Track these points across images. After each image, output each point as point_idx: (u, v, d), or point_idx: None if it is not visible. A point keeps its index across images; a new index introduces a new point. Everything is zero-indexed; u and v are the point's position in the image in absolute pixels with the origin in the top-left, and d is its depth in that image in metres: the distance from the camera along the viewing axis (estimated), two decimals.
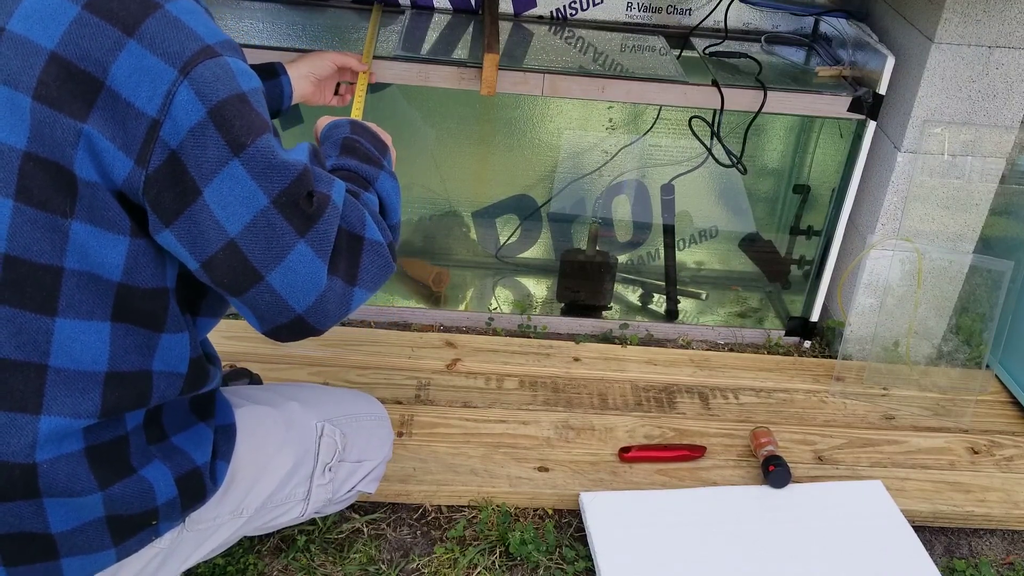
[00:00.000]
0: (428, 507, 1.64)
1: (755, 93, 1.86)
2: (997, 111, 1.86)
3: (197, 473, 1.14)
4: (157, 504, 1.10)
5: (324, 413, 1.39)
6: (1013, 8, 1.75)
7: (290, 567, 1.51)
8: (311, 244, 1.00)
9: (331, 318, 1.05)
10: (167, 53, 0.92)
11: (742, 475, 1.73)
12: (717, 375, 2.02)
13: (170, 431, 1.13)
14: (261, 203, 0.97)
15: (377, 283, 1.09)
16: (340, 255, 1.05)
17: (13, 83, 0.91)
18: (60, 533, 1.03)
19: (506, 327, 2.15)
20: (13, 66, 0.91)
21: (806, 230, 2.22)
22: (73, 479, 1.01)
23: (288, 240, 0.99)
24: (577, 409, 1.86)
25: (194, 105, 0.92)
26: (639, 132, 2.25)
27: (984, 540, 1.71)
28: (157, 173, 0.93)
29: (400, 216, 1.21)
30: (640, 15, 2.13)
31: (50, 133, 0.91)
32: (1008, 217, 2.03)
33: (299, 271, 1.00)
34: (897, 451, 1.84)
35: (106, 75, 0.91)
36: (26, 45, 0.91)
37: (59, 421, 0.99)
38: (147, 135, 0.92)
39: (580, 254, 2.24)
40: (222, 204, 0.95)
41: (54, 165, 0.92)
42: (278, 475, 1.29)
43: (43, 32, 0.91)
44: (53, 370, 0.97)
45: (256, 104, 0.98)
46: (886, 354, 2.07)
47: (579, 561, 1.56)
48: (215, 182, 0.95)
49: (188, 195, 0.94)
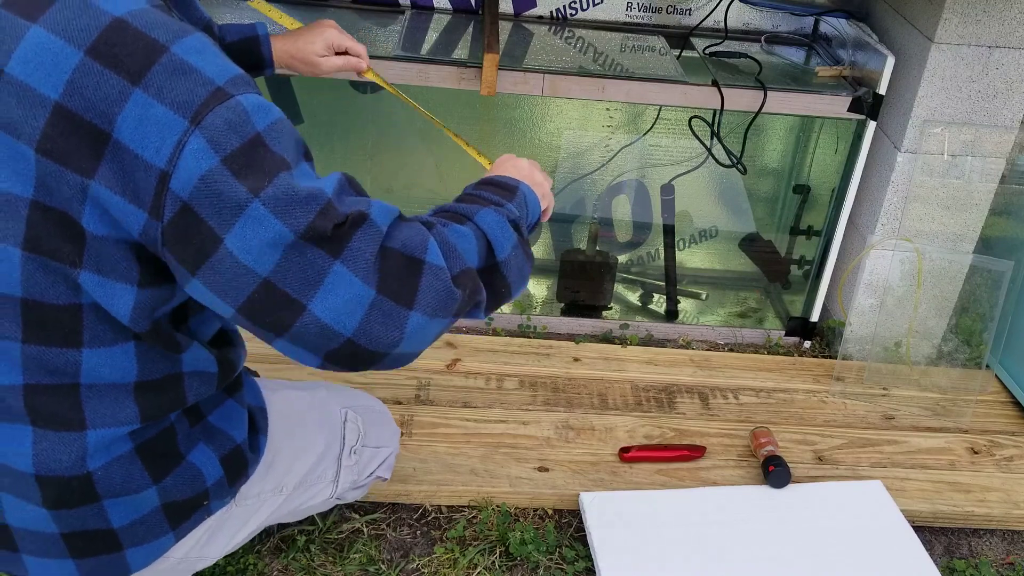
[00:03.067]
0: (428, 507, 1.64)
1: (755, 93, 1.86)
2: (997, 111, 1.86)
3: (239, 450, 1.18)
4: (207, 485, 1.14)
5: (344, 401, 1.45)
6: (1013, 8, 1.75)
7: (290, 567, 1.51)
8: (346, 264, 0.95)
9: (384, 341, 0.98)
10: (175, 102, 0.87)
11: (742, 475, 1.73)
12: (717, 375, 2.02)
13: (206, 411, 1.16)
14: (288, 238, 0.91)
15: (439, 309, 1.00)
16: (391, 276, 0.98)
17: (15, 132, 0.88)
18: (121, 527, 1.07)
19: (506, 327, 2.15)
20: (15, 115, 0.88)
21: (806, 230, 2.22)
22: (128, 479, 1.05)
23: (322, 264, 0.94)
24: (577, 409, 1.86)
25: (206, 154, 0.88)
26: (639, 132, 2.25)
27: (984, 540, 1.71)
28: (172, 225, 0.90)
29: (508, 253, 1.10)
30: (640, 15, 2.13)
31: (56, 186, 0.89)
32: (1008, 217, 2.03)
33: (339, 292, 0.94)
34: (897, 451, 1.84)
35: (112, 127, 0.87)
36: (29, 93, 0.88)
37: (104, 432, 1.02)
38: (157, 187, 0.88)
39: (580, 254, 2.24)
40: (246, 249, 0.91)
41: (62, 215, 0.90)
42: (313, 454, 1.34)
43: (46, 80, 0.87)
44: (85, 387, 0.99)
45: (273, 142, 0.92)
46: (886, 354, 2.07)
47: (579, 561, 1.56)
48: (236, 228, 0.90)
49: (208, 244, 0.90)
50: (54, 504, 1.03)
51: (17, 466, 1.01)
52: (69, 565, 1.07)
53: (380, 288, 0.96)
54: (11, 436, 1.00)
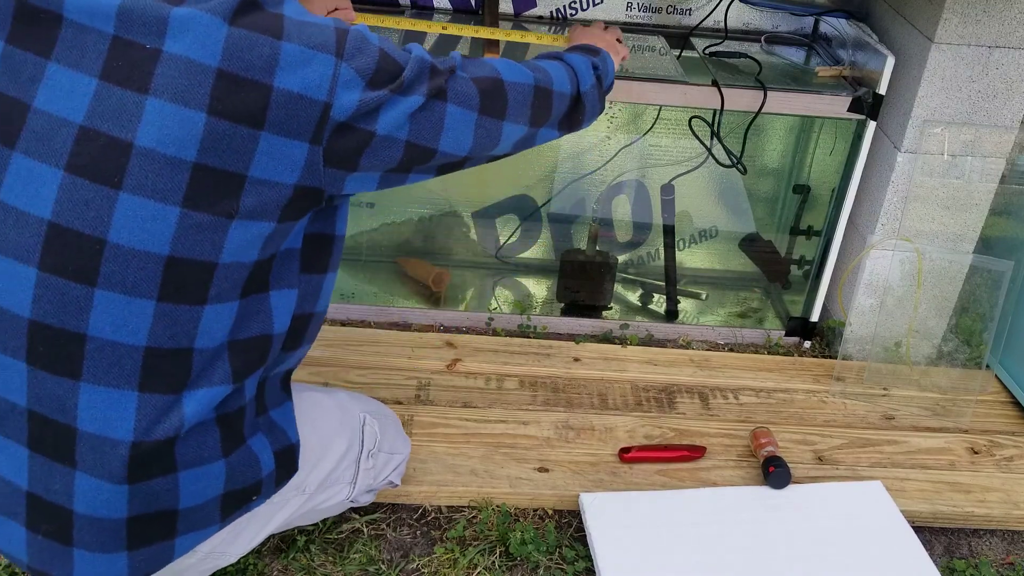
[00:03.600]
0: (428, 507, 1.64)
1: (755, 93, 1.86)
2: (997, 111, 1.86)
3: (291, 450, 1.24)
4: (262, 476, 1.18)
5: (362, 406, 1.48)
6: (1013, 8, 1.75)
7: (290, 567, 1.51)
8: (454, 101, 1.16)
9: (488, 151, 1.26)
10: (318, 45, 1.04)
11: (742, 475, 1.73)
12: (717, 375, 2.02)
13: (269, 405, 1.22)
14: (419, 103, 1.12)
15: (527, 118, 1.28)
16: (486, 97, 1.21)
17: (184, 100, 0.98)
18: (185, 509, 1.10)
19: (506, 327, 2.15)
20: (181, 84, 0.99)
21: (806, 230, 2.22)
22: (203, 446, 1.10)
23: (439, 109, 1.14)
24: (577, 409, 1.86)
25: (355, 81, 1.05)
26: (639, 132, 2.25)
27: (984, 540, 1.72)
28: (332, 144, 1.06)
29: (588, 86, 1.39)
30: (640, 15, 2.13)
31: (225, 144, 1.00)
32: (1008, 217, 2.03)
33: (452, 127, 1.17)
34: (897, 451, 1.84)
35: (272, 78, 1.01)
36: (191, 65, 0.99)
37: (201, 393, 1.08)
38: (320, 118, 1.03)
39: (580, 254, 2.24)
40: (393, 127, 1.11)
41: (224, 171, 1.00)
42: (335, 455, 1.37)
43: (204, 52, 1.00)
44: (197, 350, 1.06)
45: (388, 47, 1.10)
46: (886, 354, 2.07)
47: (579, 561, 1.56)
48: (381, 118, 1.09)
49: (364, 141, 1.09)
50: (136, 476, 1.05)
51: (114, 434, 1.03)
52: (121, 559, 1.08)
53: (480, 110, 1.20)
54: (116, 402, 1.03)
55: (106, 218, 0.98)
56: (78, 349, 1.01)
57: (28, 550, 1.08)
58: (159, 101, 0.98)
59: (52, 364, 1.02)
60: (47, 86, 1.00)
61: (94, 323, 1.00)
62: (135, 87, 0.98)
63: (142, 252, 1.00)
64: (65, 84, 1.00)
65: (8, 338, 1.02)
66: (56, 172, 0.99)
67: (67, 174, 0.99)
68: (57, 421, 1.03)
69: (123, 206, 0.98)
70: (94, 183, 0.98)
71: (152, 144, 0.98)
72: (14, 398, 1.04)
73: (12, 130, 1.00)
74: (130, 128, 0.98)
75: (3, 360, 1.03)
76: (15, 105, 1.01)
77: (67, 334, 1.01)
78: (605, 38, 1.62)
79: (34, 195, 0.99)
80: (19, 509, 1.08)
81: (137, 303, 1.01)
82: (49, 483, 1.05)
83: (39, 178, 0.99)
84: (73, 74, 1.00)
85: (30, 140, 1.00)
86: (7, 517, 1.09)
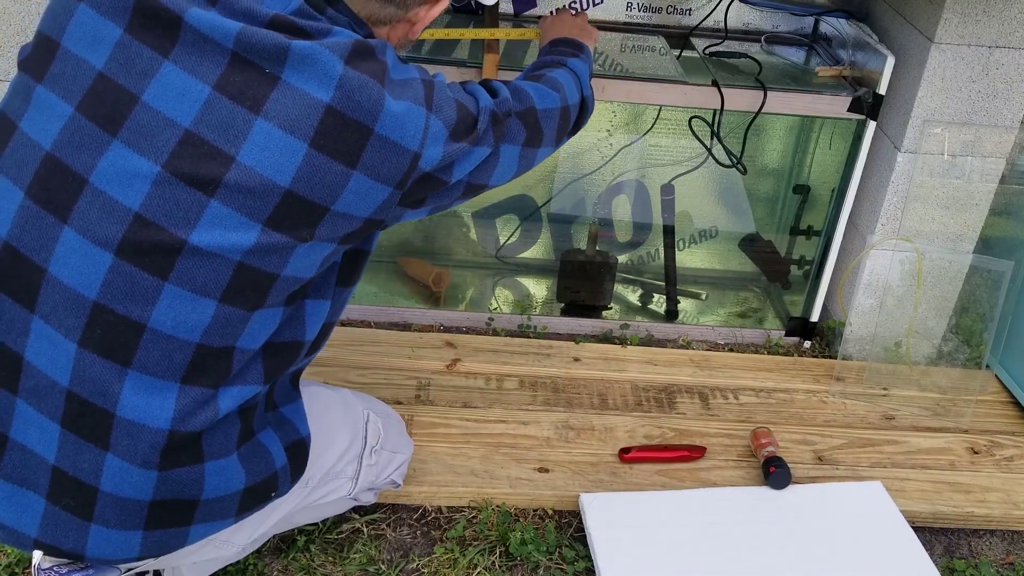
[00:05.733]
0: (428, 507, 1.64)
1: (755, 93, 1.86)
2: (997, 111, 1.86)
3: (302, 443, 1.27)
4: (276, 469, 1.20)
5: (366, 403, 1.50)
6: (1013, 8, 1.75)
7: (290, 567, 1.51)
8: (507, 141, 1.26)
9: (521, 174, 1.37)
10: (413, 98, 1.10)
11: (742, 475, 1.73)
12: (717, 375, 2.02)
13: (279, 402, 1.26)
14: (484, 154, 1.21)
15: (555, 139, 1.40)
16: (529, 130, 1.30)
17: (290, 129, 1.02)
18: (207, 500, 1.13)
19: (506, 327, 2.15)
20: (292, 113, 1.02)
21: (806, 230, 2.22)
22: (227, 437, 1.13)
23: (497, 152, 1.24)
24: (577, 409, 1.86)
25: (441, 132, 1.11)
26: (639, 132, 2.25)
27: (984, 540, 1.72)
28: (411, 191, 1.12)
29: (589, 90, 1.49)
30: (640, 15, 2.13)
31: (319, 176, 1.04)
32: (1008, 217, 2.03)
33: (503, 164, 1.27)
34: (897, 451, 1.84)
35: (375, 122, 1.06)
36: (303, 98, 1.03)
37: (234, 390, 1.12)
38: (409, 167, 1.09)
39: (580, 254, 2.24)
40: (461, 174, 1.19)
41: (311, 202, 1.05)
42: (338, 450, 1.40)
43: (318, 86, 1.04)
44: (238, 349, 1.10)
45: (461, 98, 1.17)
46: (886, 354, 2.07)
47: (579, 561, 1.56)
48: (455, 170, 1.17)
49: (438, 188, 1.16)
50: (167, 463, 1.08)
51: (153, 423, 1.06)
52: (136, 537, 1.10)
53: (524, 143, 1.30)
54: (158, 391, 1.06)
55: (192, 221, 1.01)
56: (135, 338, 1.03)
57: (42, 522, 1.09)
58: (268, 124, 1.01)
59: (105, 348, 1.03)
60: (159, 83, 1.02)
61: (157, 315, 1.03)
62: (248, 105, 1.01)
63: (218, 257, 1.03)
64: (178, 85, 1.02)
65: (66, 316, 1.03)
66: (153, 167, 1.01)
67: (164, 172, 1.01)
68: (95, 405, 1.05)
69: (210, 214, 1.02)
70: (190, 187, 1.01)
71: (252, 163, 1.01)
72: (57, 376, 1.05)
73: (117, 118, 1.02)
74: (235, 143, 1.01)
75: (54, 337, 1.04)
76: (123, 94, 1.02)
77: (128, 322, 1.03)
78: (579, 24, 1.67)
79: (127, 185, 1.01)
80: (42, 481, 1.08)
81: (201, 302, 1.04)
82: (77, 460, 1.07)
83: (135, 170, 1.01)
84: (188, 78, 1.02)
85: (133, 132, 1.01)
86: (26, 488, 1.09)
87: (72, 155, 1.03)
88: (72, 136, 1.03)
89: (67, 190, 1.03)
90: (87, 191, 1.02)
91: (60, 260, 1.03)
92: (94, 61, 1.03)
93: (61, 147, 1.03)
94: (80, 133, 1.03)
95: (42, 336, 1.05)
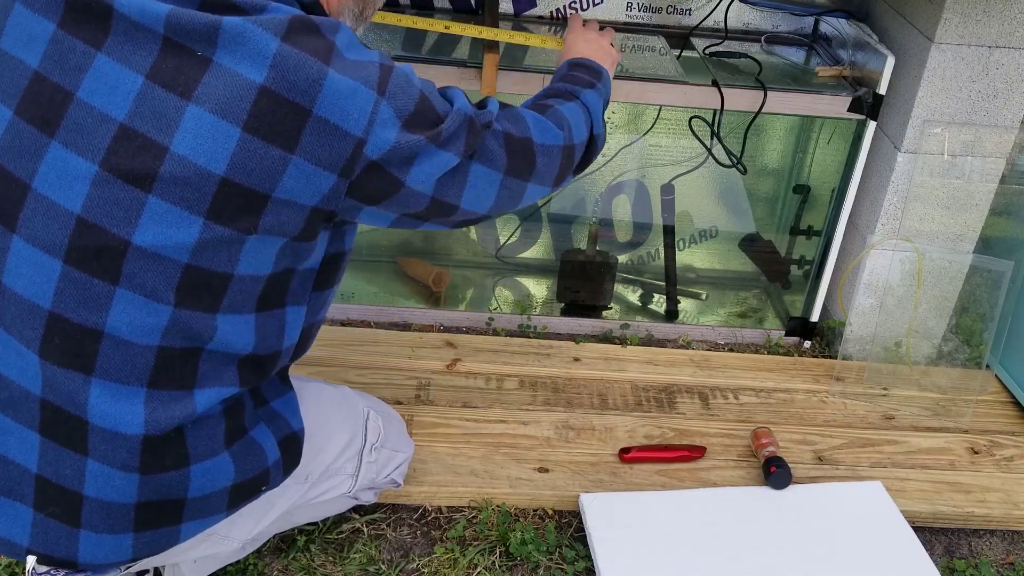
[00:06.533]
0: (428, 507, 1.64)
1: (755, 93, 1.86)
2: (997, 111, 1.86)
3: (295, 437, 1.25)
4: (268, 464, 1.19)
5: (367, 401, 1.50)
6: (1013, 8, 1.75)
7: (290, 567, 1.51)
8: (481, 161, 1.17)
9: (508, 208, 1.27)
10: (363, 79, 1.02)
11: (742, 475, 1.73)
12: (717, 375, 2.02)
13: (269, 397, 1.24)
14: (452, 163, 1.12)
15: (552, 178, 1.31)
16: (514, 158, 1.21)
17: (222, 113, 0.97)
18: (193, 499, 1.12)
19: (506, 327, 2.15)
20: (223, 96, 0.97)
21: (806, 230, 2.22)
22: (213, 438, 1.12)
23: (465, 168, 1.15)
24: (577, 409, 1.86)
25: (393, 121, 1.04)
26: (639, 132, 2.25)
27: (984, 540, 1.72)
28: (360, 180, 1.05)
29: (601, 128, 1.41)
30: (640, 15, 2.13)
31: (256, 161, 0.99)
32: (1008, 217, 2.03)
33: (476, 185, 1.17)
34: (897, 451, 1.84)
35: (313, 104, 0.99)
36: (235, 79, 0.98)
37: (210, 392, 1.10)
38: (352, 152, 1.02)
39: (580, 254, 2.24)
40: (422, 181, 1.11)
41: (250, 189, 1.00)
42: (338, 446, 1.39)
43: (251, 67, 0.99)
44: (207, 352, 1.08)
45: (430, 92, 1.10)
46: (886, 354, 2.07)
47: (579, 561, 1.56)
48: (414, 170, 1.09)
49: (392, 187, 1.08)
50: (148, 467, 1.07)
51: (125, 429, 1.04)
52: (127, 540, 1.09)
53: (506, 171, 1.20)
54: (125, 397, 1.04)
55: (133, 220, 0.98)
56: (93, 345, 1.02)
57: (32, 531, 1.08)
58: (199, 109, 0.97)
59: (66, 358, 1.02)
60: (93, 77, 0.98)
61: (112, 321, 1.01)
62: (179, 91, 0.97)
63: (163, 257, 1.00)
64: (111, 78, 0.98)
65: (25, 327, 1.02)
66: (91, 167, 0.98)
67: (102, 170, 0.98)
68: (68, 412, 1.04)
69: (150, 211, 0.98)
70: (127, 184, 0.98)
71: (186, 152, 0.97)
72: (28, 386, 1.04)
73: (53, 118, 0.99)
74: (167, 132, 0.97)
75: (19, 349, 1.03)
76: (58, 92, 0.99)
77: (85, 329, 1.01)
78: (602, 45, 1.59)
79: (67, 188, 0.99)
80: (26, 491, 1.08)
81: (155, 305, 1.02)
82: (59, 467, 1.06)
83: (74, 171, 0.98)
84: (121, 69, 0.98)
85: (70, 131, 0.99)
86: (12, 499, 1.09)
87: (14, 161, 1.00)
88: (12, 141, 1.00)
89: (12, 198, 1.00)
90: (31, 197, 1.00)
91: (13, 271, 1.01)
92: (30, 60, 1.00)
93: (3, 154, 1.01)
94: (20, 137, 1.00)
95: (9, 348, 1.04)
